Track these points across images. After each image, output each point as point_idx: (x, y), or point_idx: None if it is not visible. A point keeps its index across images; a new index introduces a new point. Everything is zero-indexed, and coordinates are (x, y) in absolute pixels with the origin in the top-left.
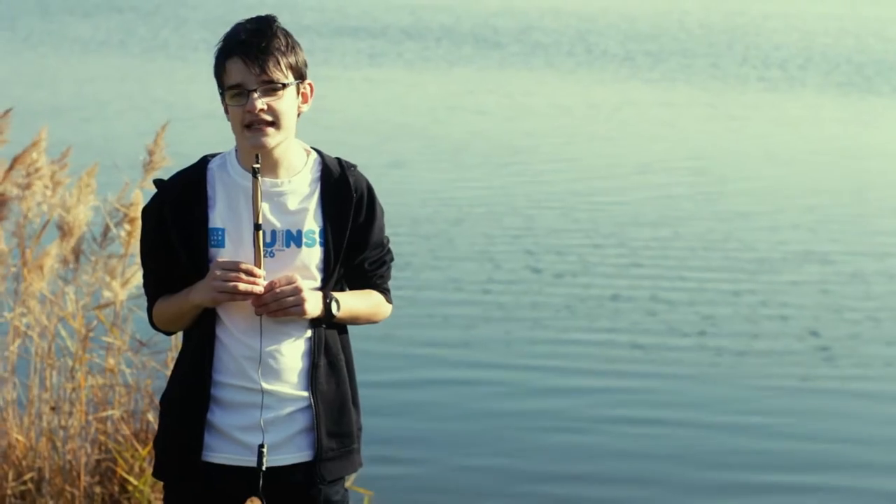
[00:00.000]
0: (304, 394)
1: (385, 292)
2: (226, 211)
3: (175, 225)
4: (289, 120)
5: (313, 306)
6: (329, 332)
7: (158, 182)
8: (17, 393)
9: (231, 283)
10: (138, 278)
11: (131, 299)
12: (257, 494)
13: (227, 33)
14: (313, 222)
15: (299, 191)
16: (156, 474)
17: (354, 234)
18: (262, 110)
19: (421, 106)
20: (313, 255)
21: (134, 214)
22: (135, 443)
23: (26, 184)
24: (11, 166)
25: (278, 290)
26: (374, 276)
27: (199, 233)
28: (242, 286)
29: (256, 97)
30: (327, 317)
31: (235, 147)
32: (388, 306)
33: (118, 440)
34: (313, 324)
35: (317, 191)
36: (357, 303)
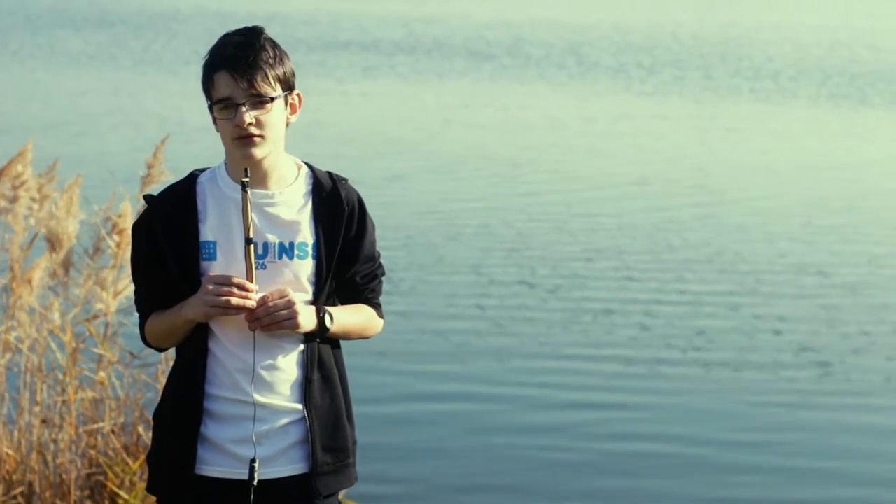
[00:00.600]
0: (298, 406)
1: (377, 307)
2: (217, 224)
3: (166, 239)
4: (277, 132)
5: (307, 320)
6: (322, 346)
7: (148, 197)
8: (8, 406)
9: (223, 298)
10: (129, 289)
11: (121, 311)
12: None
13: (214, 46)
14: (306, 234)
15: (292, 203)
16: (149, 489)
17: (346, 247)
18: (250, 124)
19: (415, 119)
20: (305, 267)
21: (123, 225)
22: (125, 456)
23: (13, 196)
24: None
25: (271, 305)
26: (365, 291)
27: (191, 247)
28: (235, 301)
29: (245, 110)
30: (321, 331)
31: (225, 160)
32: (380, 321)
33: (109, 454)
34: (307, 338)
35: (309, 203)
36: (350, 317)
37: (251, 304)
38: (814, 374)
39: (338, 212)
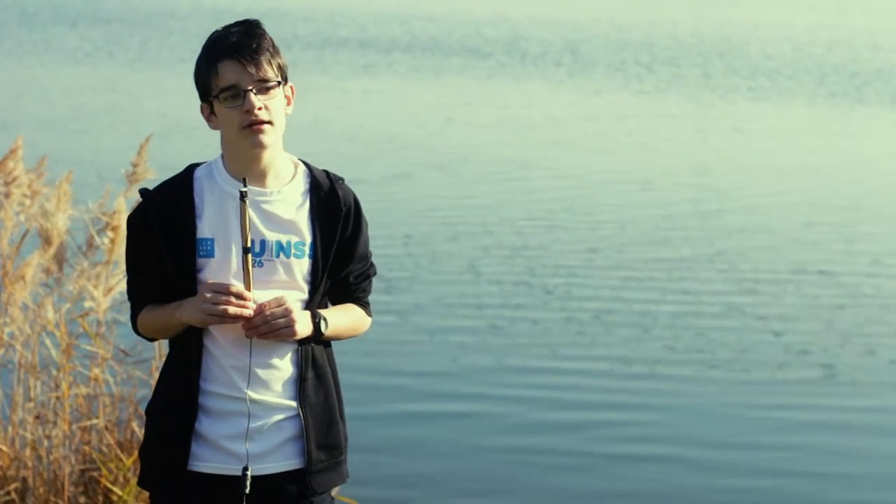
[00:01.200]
0: (292, 403)
1: (365, 306)
2: (214, 220)
3: (162, 235)
4: (282, 119)
5: (303, 327)
6: (315, 345)
7: (144, 192)
8: (1, 403)
9: (221, 307)
10: (122, 286)
11: (114, 307)
12: None
13: (212, 39)
14: (304, 233)
15: (289, 201)
16: (141, 483)
17: (341, 246)
18: (260, 108)
19: (416, 117)
20: (302, 265)
21: (117, 223)
22: (119, 453)
23: (5, 192)
24: None
25: (268, 313)
26: (356, 290)
27: (187, 243)
28: (232, 310)
29: (254, 95)
30: (316, 336)
31: (221, 154)
32: (369, 320)
33: (102, 450)
34: (301, 340)
35: (307, 202)
36: (342, 320)
37: (248, 313)
38: (816, 374)
39: (335, 212)
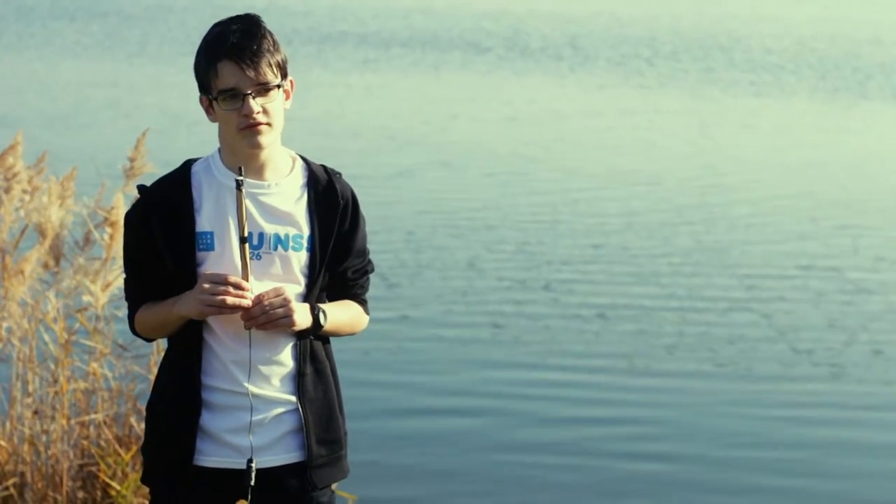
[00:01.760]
0: (292, 398)
1: (363, 303)
2: (213, 214)
3: (161, 230)
4: (281, 119)
5: (302, 318)
6: (315, 340)
7: (142, 188)
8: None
9: (219, 297)
10: (119, 282)
11: (112, 302)
12: (244, 496)
13: (212, 35)
14: (301, 226)
15: (287, 194)
16: (144, 480)
17: (339, 241)
18: (258, 112)
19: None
20: (300, 259)
21: (115, 218)
22: (117, 447)
23: (5, 188)
24: None
25: (267, 303)
26: (354, 286)
27: (187, 237)
28: (230, 300)
29: (252, 99)
30: (315, 328)
31: (219, 148)
32: (366, 318)
33: (101, 445)
34: (300, 334)
35: (305, 195)
36: (341, 314)
37: (247, 303)
38: (822, 372)
39: (333, 205)
